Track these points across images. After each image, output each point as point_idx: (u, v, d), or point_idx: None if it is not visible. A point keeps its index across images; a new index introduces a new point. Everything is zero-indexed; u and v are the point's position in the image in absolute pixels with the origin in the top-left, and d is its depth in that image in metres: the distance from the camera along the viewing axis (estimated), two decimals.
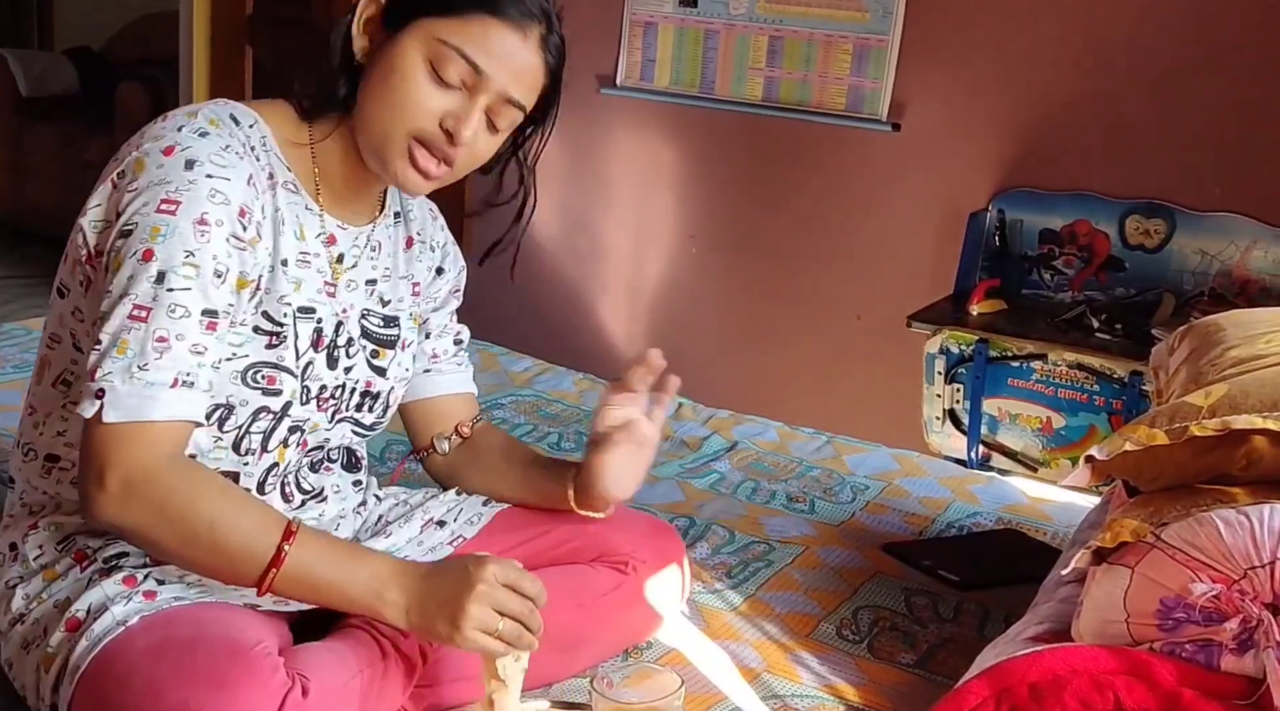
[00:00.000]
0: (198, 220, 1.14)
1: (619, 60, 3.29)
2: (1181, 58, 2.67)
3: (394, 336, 1.38)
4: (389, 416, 1.42)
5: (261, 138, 1.24)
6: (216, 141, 1.18)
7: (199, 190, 1.14)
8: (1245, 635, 1.07)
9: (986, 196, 2.87)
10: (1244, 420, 1.15)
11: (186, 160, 1.15)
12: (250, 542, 1.14)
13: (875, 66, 2.98)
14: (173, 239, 1.13)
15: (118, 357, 1.12)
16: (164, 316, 1.13)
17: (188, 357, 1.14)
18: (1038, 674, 1.12)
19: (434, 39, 1.20)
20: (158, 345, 1.12)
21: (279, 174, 1.25)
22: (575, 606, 1.36)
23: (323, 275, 1.29)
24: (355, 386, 1.35)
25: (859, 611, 1.58)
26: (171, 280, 1.13)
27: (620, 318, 3.46)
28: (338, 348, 1.31)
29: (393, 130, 1.22)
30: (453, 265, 1.49)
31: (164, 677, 1.08)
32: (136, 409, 1.12)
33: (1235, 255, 2.65)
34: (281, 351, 1.24)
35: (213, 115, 1.21)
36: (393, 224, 1.40)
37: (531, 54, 1.23)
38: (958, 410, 2.68)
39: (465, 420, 1.50)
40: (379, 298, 1.37)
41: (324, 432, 1.33)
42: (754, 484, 1.97)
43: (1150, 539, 1.14)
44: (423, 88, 1.21)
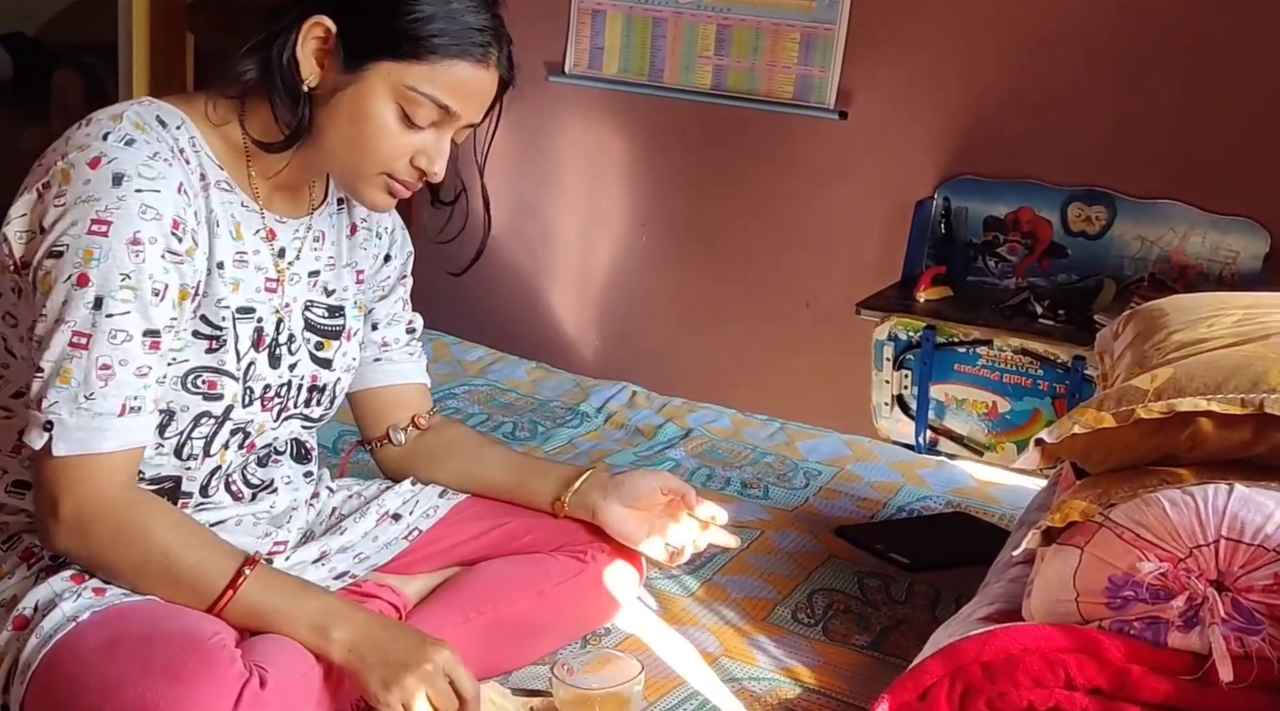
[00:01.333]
0: (130, 240, 1.12)
1: (567, 48, 3.28)
2: (1122, 46, 2.72)
3: (339, 327, 1.37)
4: (336, 406, 1.41)
5: (190, 138, 1.22)
6: (144, 150, 1.15)
7: (129, 207, 1.12)
8: (1191, 612, 1.10)
9: (932, 184, 2.90)
10: (1188, 403, 1.18)
11: (114, 174, 1.13)
12: (204, 571, 1.16)
13: (822, 55, 3.00)
14: (107, 262, 1.11)
15: (61, 387, 1.11)
16: (105, 343, 1.12)
17: (133, 382, 1.14)
18: (991, 653, 1.14)
19: (403, 86, 1.19)
20: (102, 373, 1.12)
21: (211, 174, 1.23)
22: (535, 594, 1.36)
23: (263, 272, 1.27)
24: (301, 383, 1.33)
25: (813, 595, 1.60)
26: (109, 305, 1.12)
27: (572, 306, 3.46)
28: (279, 345, 1.30)
29: (364, 168, 1.23)
30: (400, 251, 1.47)
31: (118, 673, 1.07)
32: (85, 441, 1.12)
33: (1174, 241, 2.71)
34: (222, 355, 1.23)
35: (138, 118, 1.18)
36: (336, 211, 1.38)
37: (493, 79, 1.25)
38: (906, 396, 2.72)
39: (421, 412, 1.50)
40: (323, 288, 1.35)
41: (271, 432, 1.33)
42: (709, 470, 1.98)
43: (1099, 519, 1.17)
44: (394, 133, 1.21)
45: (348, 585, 1.33)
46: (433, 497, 1.46)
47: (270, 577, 1.19)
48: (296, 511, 1.38)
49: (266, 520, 1.34)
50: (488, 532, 1.42)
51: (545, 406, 2.20)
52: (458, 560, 1.41)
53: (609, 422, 2.15)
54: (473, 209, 1.37)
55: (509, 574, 1.37)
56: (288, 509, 1.37)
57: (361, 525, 1.40)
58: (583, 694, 1.21)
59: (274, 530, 1.34)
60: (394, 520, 1.42)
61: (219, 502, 1.30)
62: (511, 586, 1.34)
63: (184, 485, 1.26)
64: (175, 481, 1.26)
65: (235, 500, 1.31)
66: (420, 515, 1.43)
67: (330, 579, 1.32)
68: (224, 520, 1.31)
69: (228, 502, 1.31)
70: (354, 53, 1.19)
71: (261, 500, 1.34)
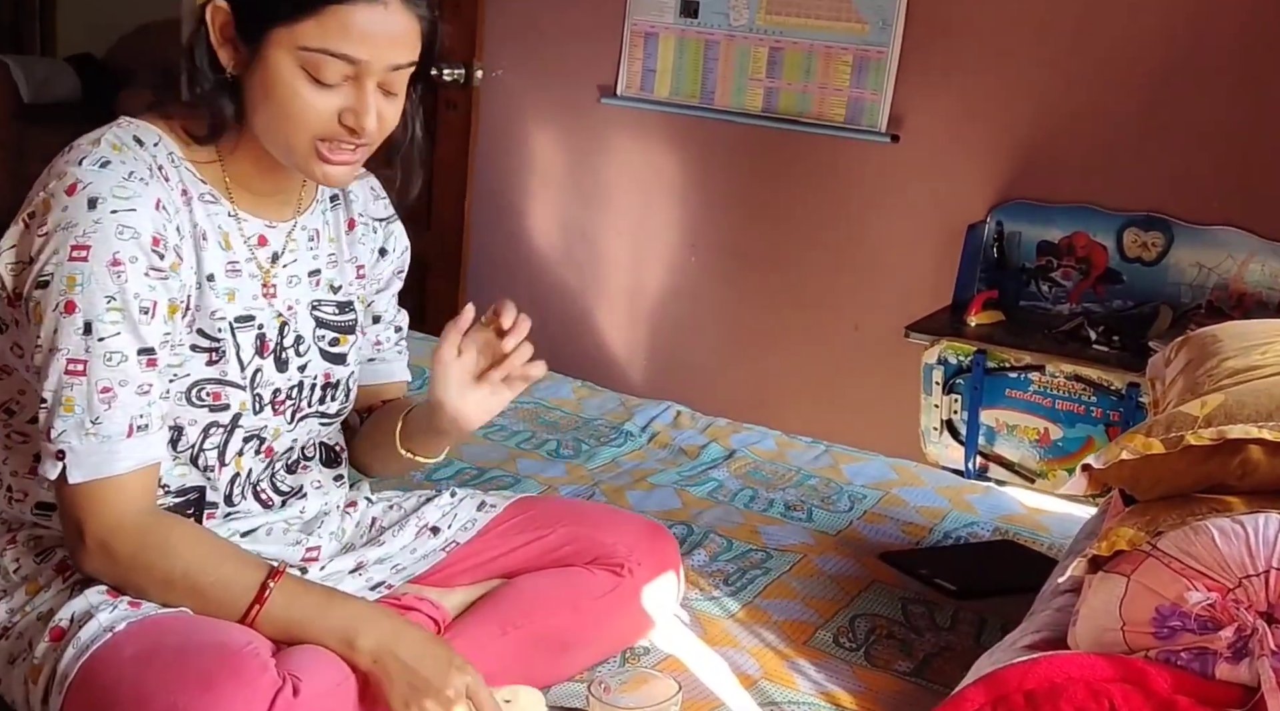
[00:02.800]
0: (110, 262, 1.13)
1: (619, 70, 3.30)
2: (1180, 71, 2.69)
3: (352, 322, 1.37)
4: (352, 399, 1.40)
5: (169, 154, 1.22)
6: (119, 171, 1.16)
7: (106, 229, 1.13)
8: (1240, 643, 1.08)
9: (985, 208, 2.88)
10: (1239, 430, 1.16)
11: (89, 198, 1.14)
12: (229, 586, 1.17)
13: (874, 78, 2.99)
14: (90, 286, 1.13)
15: (66, 415, 1.13)
16: (101, 367, 1.13)
17: (136, 401, 1.15)
18: (1034, 681, 1.12)
19: (297, 48, 1.16)
20: (103, 396, 1.13)
21: (193, 188, 1.23)
22: (571, 609, 1.36)
23: (257, 279, 1.28)
24: (314, 382, 1.34)
25: (856, 619, 1.59)
26: (99, 329, 1.13)
27: (619, 326, 3.46)
28: (285, 349, 1.30)
29: (295, 141, 1.19)
30: (396, 244, 1.46)
31: (151, 682, 1.08)
32: (98, 466, 1.14)
33: (1232, 268, 2.66)
34: (223, 366, 1.24)
35: (115, 140, 1.19)
36: (330, 208, 1.38)
37: (397, 15, 1.17)
38: (955, 420, 2.69)
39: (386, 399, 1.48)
40: (328, 285, 1.35)
41: (287, 436, 1.33)
42: (752, 492, 1.97)
43: (1146, 547, 1.15)
44: (307, 97, 1.17)
45: (384, 596, 1.34)
46: (471, 510, 1.47)
47: (296, 588, 1.19)
48: (329, 517, 1.38)
49: (298, 527, 1.35)
50: (526, 545, 1.42)
51: (590, 425, 2.21)
52: (496, 573, 1.41)
53: (653, 442, 2.15)
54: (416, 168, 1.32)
55: (546, 588, 1.37)
56: (319, 514, 1.37)
57: (400, 538, 1.40)
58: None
59: (305, 537, 1.34)
60: (433, 533, 1.43)
61: (247, 511, 1.31)
62: (549, 600, 1.34)
63: (209, 495, 1.28)
64: (199, 492, 1.27)
65: (265, 508, 1.32)
66: (459, 528, 1.44)
67: (367, 589, 1.33)
68: (254, 529, 1.32)
69: (257, 510, 1.32)
70: (248, 28, 1.17)
71: (291, 506, 1.35)
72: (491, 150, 3.55)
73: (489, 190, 3.56)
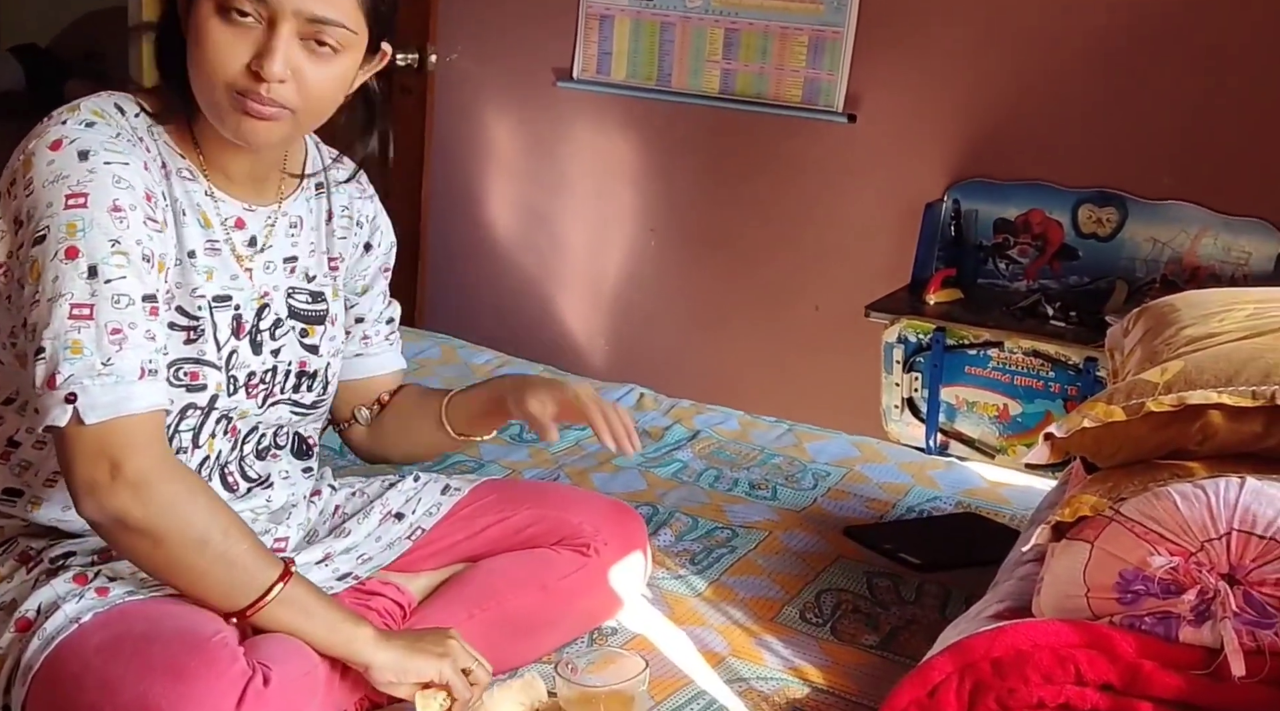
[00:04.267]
0: (111, 207, 1.10)
1: (575, 53, 3.28)
2: (1134, 48, 2.71)
3: (322, 312, 1.35)
4: (330, 392, 1.39)
5: (148, 127, 1.20)
6: (105, 131, 1.14)
7: (102, 178, 1.11)
8: (1203, 606, 1.09)
9: (942, 187, 2.89)
10: (1199, 395, 1.17)
11: (79, 151, 1.11)
12: (257, 557, 1.14)
13: (830, 58, 3.00)
14: (92, 231, 1.09)
15: (74, 358, 1.07)
16: (110, 309, 1.09)
17: (146, 345, 1.11)
18: (1000, 649, 1.12)
19: None
20: (114, 338, 1.08)
21: (171, 162, 1.21)
22: (538, 590, 1.35)
23: (235, 260, 1.26)
24: (288, 368, 1.32)
25: (822, 594, 1.59)
26: (105, 271, 1.09)
27: (581, 311, 3.45)
28: (261, 332, 1.28)
29: (212, 92, 1.16)
30: (382, 240, 1.45)
31: (119, 673, 1.06)
32: (116, 405, 1.08)
33: (1186, 243, 2.69)
34: (201, 345, 1.22)
35: (95, 107, 1.17)
36: (314, 196, 1.36)
37: None
38: (916, 398, 2.70)
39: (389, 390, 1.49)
40: (304, 274, 1.34)
41: (254, 418, 1.31)
42: (716, 472, 1.97)
43: (1109, 513, 1.15)
44: (219, 39, 1.13)
45: (351, 585, 1.32)
46: (435, 494, 1.45)
47: (300, 593, 1.17)
48: (296, 508, 1.37)
49: (265, 517, 1.33)
50: (490, 528, 1.41)
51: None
52: (462, 556, 1.40)
53: None
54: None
55: (512, 569, 1.36)
56: (286, 505, 1.36)
57: (365, 526, 1.39)
58: (587, 692, 1.20)
59: (273, 527, 1.32)
60: (397, 519, 1.41)
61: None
62: (515, 582, 1.34)
63: None
64: None
65: (230, 492, 1.30)
66: (423, 513, 1.42)
67: (334, 580, 1.31)
68: None
69: (223, 495, 1.29)
70: None
71: (256, 495, 1.32)
72: (447, 136, 3.52)
73: (446, 176, 3.53)
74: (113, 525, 1.10)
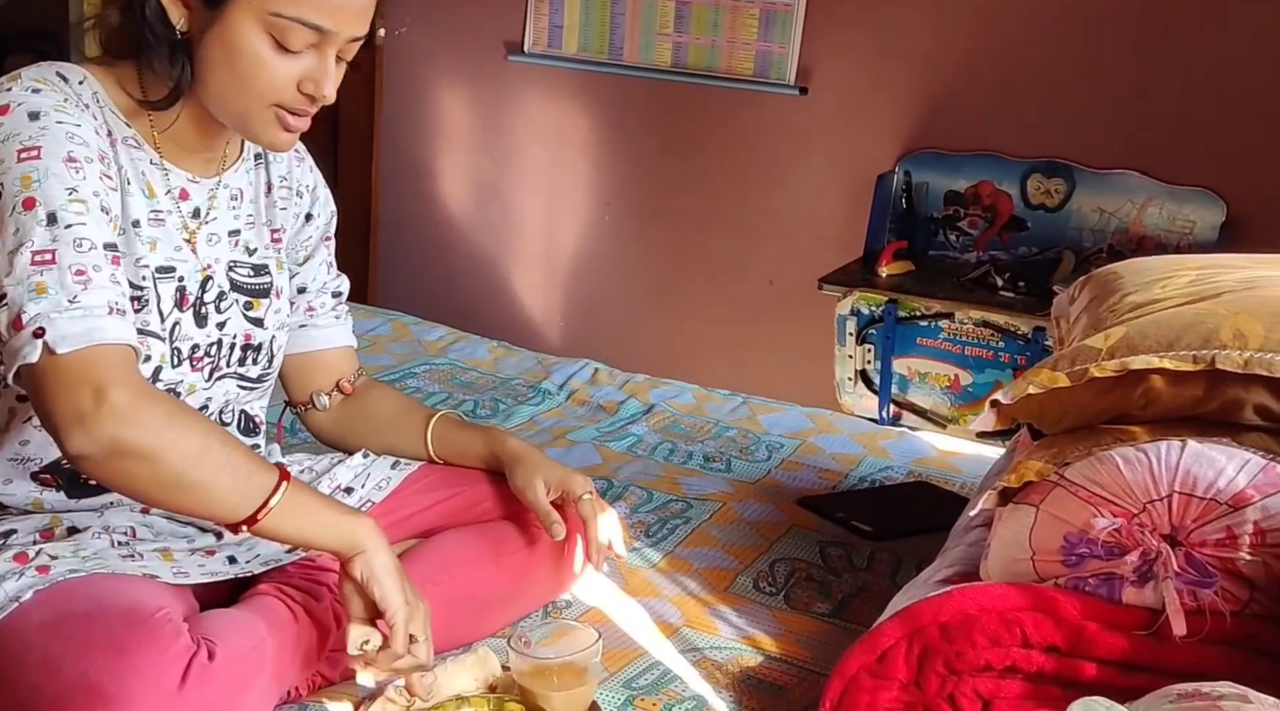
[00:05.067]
0: (66, 158, 1.10)
1: (526, 27, 3.26)
2: (1081, 20, 2.73)
3: (266, 285, 1.35)
4: (276, 366, 1.38)
5: (94, 94, 1.19)
6: (53, 96, 1.13)
7: (55, 134, 1.10)
8: (1145, 567, 1.11)
9: (893, 159, 2.91)
10: (1141, 360, 1.18)
11: (29, 112, 1.11)
12: (257, 462, 1.12)
13: (781, 31, 3.00)
14: (49, 180, 1.08)
15: (40, 298, 1.04)
16: (72, 252, 1.07)
17: (110, 287, 1.09)
18: (948, 614, 1.14)
19: (267, 15, 1.14)
20: (78, 278, 1.06)
21: (117, 130, 1.20)
22: (492, 564, 1.35)
23: (179, 232, 1.25)
24: (233, 341, 1.31)
25: (775, 564, 1.60)
26: (64, 217, 1.08)
27: (535, 285, 3.44)
28: (205, 305, 1.27)
29: (253, 106, 1.18)
30: (322, 209, 1.44)
31: (60, 651, 1.05)
32: (89, 333, 1.05)
33: (1132, 212, 2.73)
34: (145, 316, 1.20)
35: (37, 74, 1.16)
36: (253, 167, 1.35)
37: None
38: (869, 370, 2.72)
39: (346, 375, 1.48)
40: (245, 247, 1.33)
41: (202, 393, 1.29)
42: (671, 445, 1.98)
43: (1054, 478, 1.17)
44: (272, 64, 1.15)
45: (299, 559, 1.31)
46: (385, 469, 1.45)
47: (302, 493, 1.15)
48: None
49: None
50: (442, 502, 1.41)
51: (507, 384, 2.19)
52: (413, 532, 1.39)
53: (571, 399, 2.14)
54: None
55: (465, 544, 1.35)
56: None
57: None
58: (539, 665, 1.21)
59: None
60: (346, 493, 1.40)
61: None
62: (467, 556, 1.33)
63: None
64: None
65: None
66: (373, 488, 1.42)
67: (283, 553, 1.31)
68: None
69: None
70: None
71: None
72: (397, 111, 3.48)
73: (396, 151, 3.50)
74: (106, 454, 1.04)
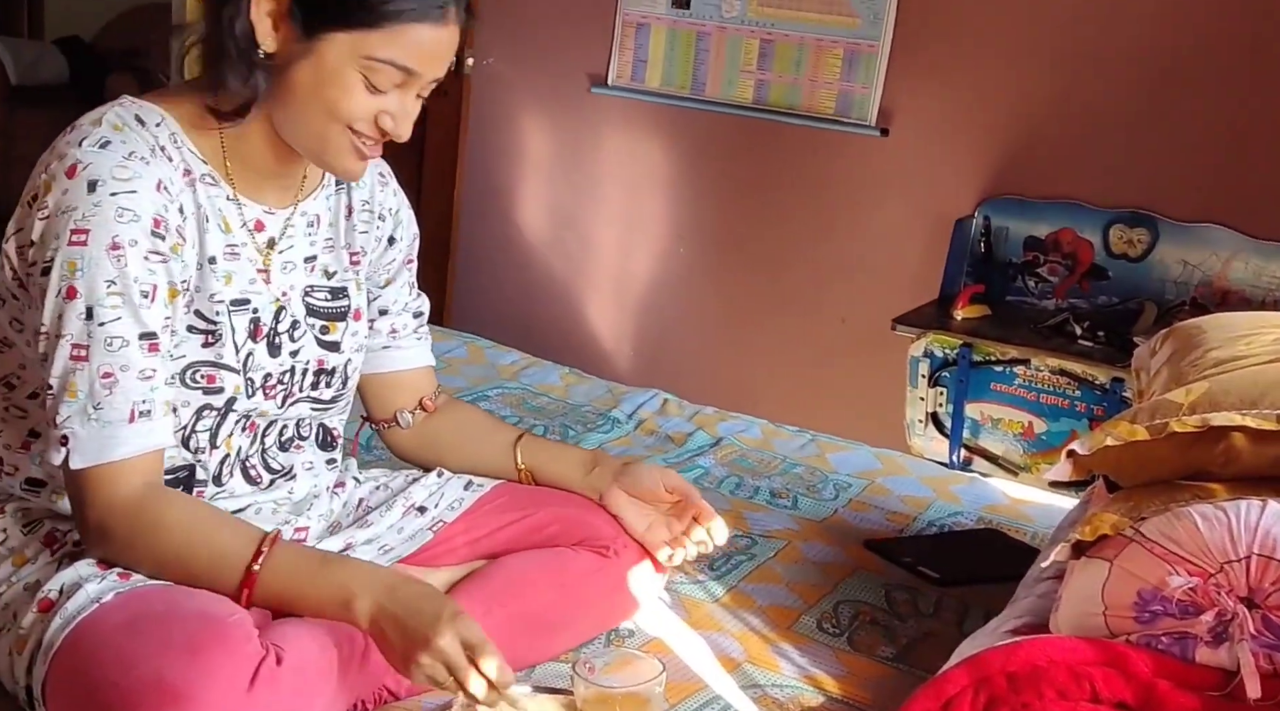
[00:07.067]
0: (110, 246, 1.14)
1: (610, 60, 3.30)
2: (1168, 68, 2.70)
3: (343, 308, 1.37)
4: (350, 386, 1.41)
5: (171, 134, 1.22)
6: (118, 151, 1.16)
7: (105, 213, 1.14)
8: (1220, 628, 1.09)
9: (973, 203, 2.89)
10: (1223, 417, 1.17)
11: (89, 181, 1.14)
12: (219, 567, 1.17)
13: (865, 72, 3.00)
14: (91, 271, 1.13)
15: (70, 401, 1.14)
16: (103, 352, 1.14)
17: (138, 387, 1.15)
18: (1016, 664, 1.13)
19: (362, 57, 1.18)
20: (104, 382, 1.14)
21: (195, 168, 1.23)
22: (556, 589, 1.36)
23: (254, 263, 1.28)
24: (306, 367, 1.34)
25: (840, 605, 1.59)
26: (100, 314, 1.14)
27: (607, 315, 3.47)
28: (279, 334, 1.30)
29: (330, 133, 1.22)
30: (405, 232, 1.46)
31: (136, 648, 1.08)
32: (98, 452, 1.15)
33: (1217, 266, 2.68)
34: (219, 349, 1.24)
35: (116, 120, 1.19)
36: (333, 193, 1.38)
37: (452, 33, 1.22)
38: (940, 413, 2.70)
39: (428, 394, 1.51)
40: (322, 271, 1.35)
41: (276, 416, 1.33)
42: (737, 479, 1.98)
43: (1129, 532, 1.15)
44: (359, 98, 1.20)
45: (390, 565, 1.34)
46: (458, 489, 1.46)
47: (290, 553, 1.19)
48: (319, 498, 1.38)
49: (286, 508, 1.35)
50: (511, 524, 1.42)
51: (577, 411, 2.21)
52: (482, 553, 1.41)
53: (640, 429, 2.15)
54: None
55: (531, 567, 1.37)
56: (308, 496, 1.37)
57: (388, 518, 1.40)
58: (603, 692, 1.21)
59: (294, 518, 1.34)
60: (419, 512, 1.43)
61: (233, 490, 1.31)
62: (534, 580, 1.35)
63: (198, 473, 1.27)
64: (189, 470, 1.27)
65: (253, 485, 1.32)
66: (445, 508, 1.44)
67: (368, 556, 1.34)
68: (243, 508, 1.31)
69: (244, 489, 1.32)
70: (310, 20, 1.17)
71: (279, 487, 1.34)
72: (481, 138, 3.54)
73: (479, 178, 3.56)
74: (99, 558, 1.20)
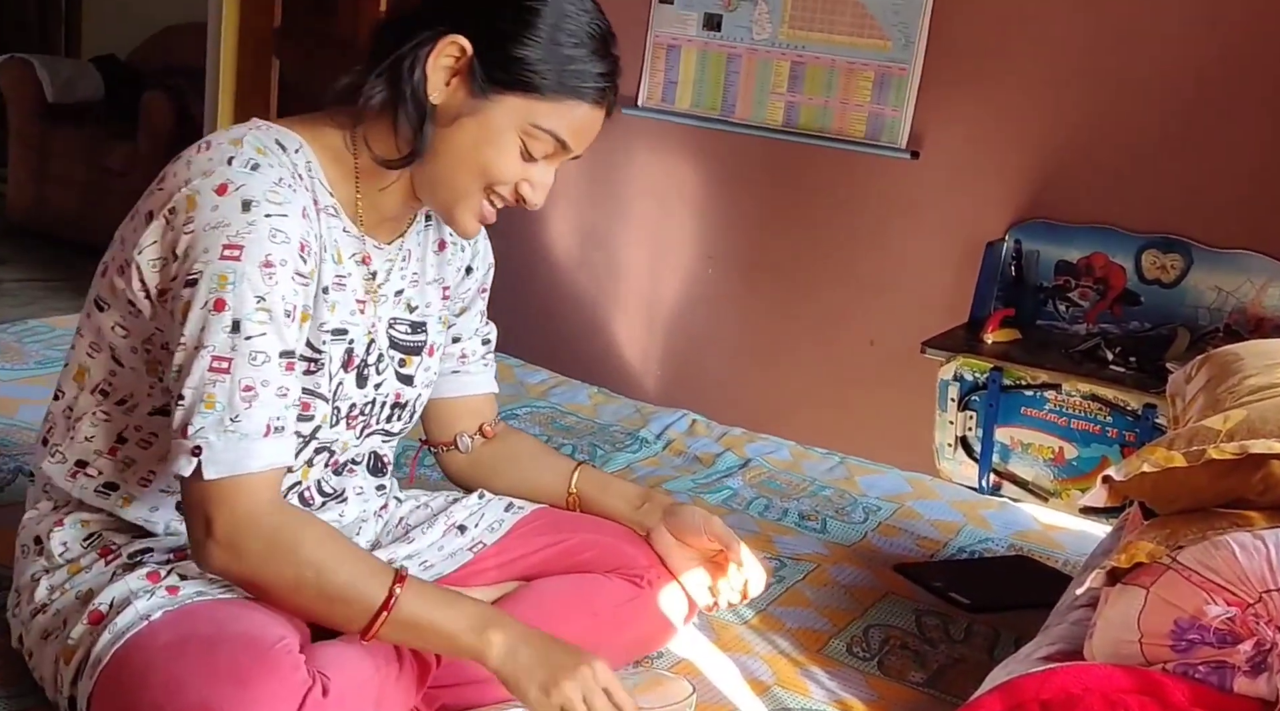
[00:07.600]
0: (263, 263, 1.13)
1: (641, 81, 3.32)
2: (1202, 93, 2.69)
3: (421, 342, 1.38)
4: (415, 421, 1.43)
5: (307, 163, 1.23)
6: (270, 174, 1.16)
7: (260, 231, 1.13)
8: (1259, 657, 1.07)
9: (1004, 226, 2.88)
10: (1262, 444, 1.15)
11: (243, 200, 1.14)
12: (357, 587, 1.16)
13: (896, 94, 3.01)
14: (242, 285, 1.12)
15: (207, 412, 1.12)
16: (246, 365, 1.13)
17: (275, 403, 1.14)
18: (1050, 691, 1.12)
19: (528, 122, 1.21)
20: (245, 394, 1.12)
21: (321, 199, 1.24)
22: (589, 614, 1.36)
23: (354, 294, 1.29)
24: (385, 400, 1.35)
25: (870, 629, 1.59)
26: (247, 327, 1.13)
27: (636, 334, 3.47)
28: (367, 366, 1.31)
29: (471, 190, 1.24)
30: (482, 263, 1.49)
31: (183, 674, 1.08)
32: (234, 463, 1.12)
33: (1251, 293, 2.66)
34: (318, 378, 1.25)
35: (259, 143, 1.19)
36: (423, 228, 1.40)
37: (601, 117, 1.27)
38: (970, 437, 2.68)
39: (489, 419, 1.52)
40: (406, 304, 1.36)
41: (353, 449, 1.34)
42: (766, 501, 1.97)
43: (1166, 560, 1.14)
44: (511, 162, 1.23)
45: None
46: (498, 511, 1.47)
47: (422, 589, 1.18)
48: (366, 523, 1.39)
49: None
50: (547, 548, 1.42)
51: (605, 430, 2.21)
52: (517, 574, 1.41)
53: (668, 449, 2.15)
54: None
55: (564, 593, 1.37)
56: (357, 520, 1.38)
57: (429, 535, 1.41)
58: None
59: None
60: (460, 532, 1.43)
61: None
62: (566, 606, 1.34)
63: None
64: None
65: (305, 506, 1.32)
66: (485, 528, 1.44)
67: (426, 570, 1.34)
68: None
69: None
70: (486, 80, 1.20)
71: (329, 509, 1.35)
72: None
73: None
74: (220, 576, 1.18)
